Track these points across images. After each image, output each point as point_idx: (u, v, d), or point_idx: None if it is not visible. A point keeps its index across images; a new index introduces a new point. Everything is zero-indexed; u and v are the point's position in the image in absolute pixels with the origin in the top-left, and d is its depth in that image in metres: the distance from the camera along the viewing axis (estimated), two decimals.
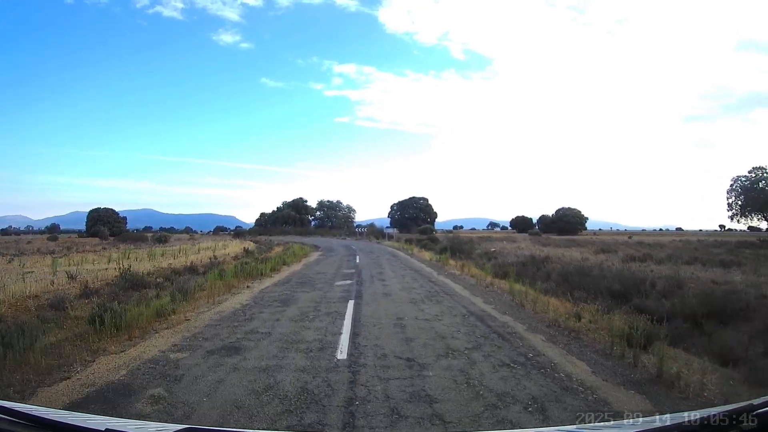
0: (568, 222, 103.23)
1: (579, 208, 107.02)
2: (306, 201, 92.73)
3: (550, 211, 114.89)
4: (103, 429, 1.28)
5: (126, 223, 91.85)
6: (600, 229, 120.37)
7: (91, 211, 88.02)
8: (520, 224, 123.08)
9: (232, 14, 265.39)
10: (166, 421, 3.25)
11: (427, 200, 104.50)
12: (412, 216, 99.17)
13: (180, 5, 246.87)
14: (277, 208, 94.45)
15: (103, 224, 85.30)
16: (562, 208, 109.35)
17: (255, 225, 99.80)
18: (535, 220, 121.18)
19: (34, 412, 1.31)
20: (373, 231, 55.72)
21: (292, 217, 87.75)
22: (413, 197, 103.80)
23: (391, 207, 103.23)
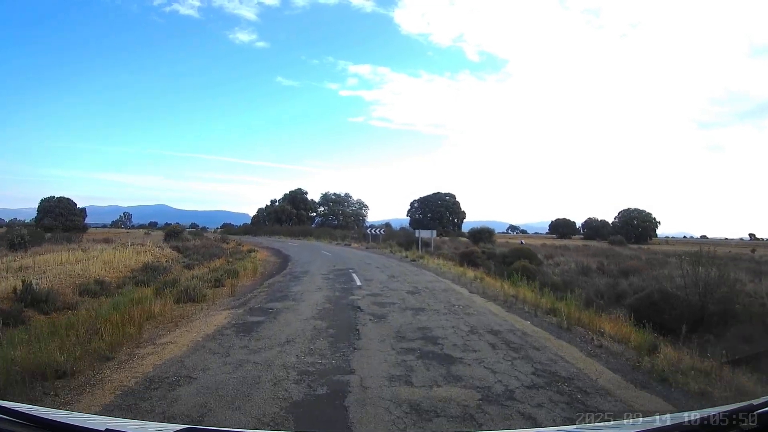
0: (638, 227, 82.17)
1: (649, 210, 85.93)
2: (306, 193, 73.76)
3: (571, 215, 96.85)
4: (103, 429, 1.27)
5: (85, 215, 74.78)
6: (669, 237, 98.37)
7: (43, 201, 70.98)
8: (562, 228, 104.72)
9: (248, 13, 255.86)
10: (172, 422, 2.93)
11: (454, 197, 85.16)
12: (437, 215, 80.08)
13: (197, 3, 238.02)
14: (271, 201, 75.95)
15: (54, 217, 68.40)
16: (628, 209, 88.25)
17: (251, 222, 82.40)
18: (579, 224, 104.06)
19: (33, 412, 1.31)
20: (392, 234, 36.26)
21: (288, 213, 69.03)
22: (437, 193, 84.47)
23: (411, 205, 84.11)
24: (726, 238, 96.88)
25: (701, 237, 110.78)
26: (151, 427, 1.68)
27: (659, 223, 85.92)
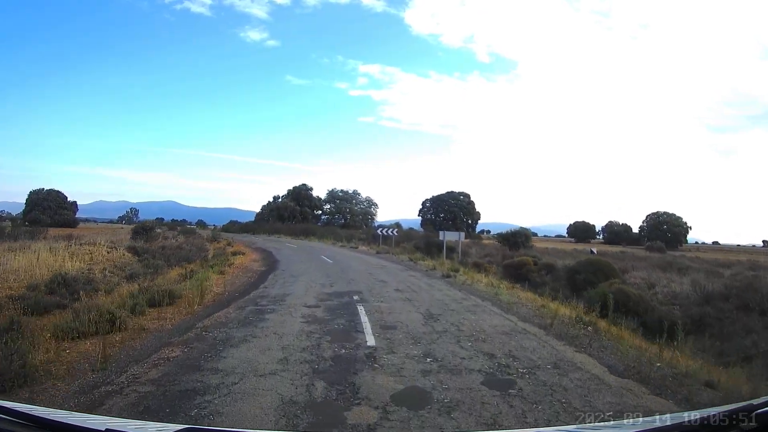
0: (667, 232, 75.42)
1: (680, 215, 79.19)
2: (311, 189, 68.39)
3: (578, 218, 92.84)
4: (104, 429, 1.25)
5: (76, 209, 70.37)
6: (700, 243, 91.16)
7: (31, 194, 66.59)
8: (580, 232, 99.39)
9: (259, 11, 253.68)
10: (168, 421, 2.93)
11: (468, 196, 79.34)
12: (450, 216, 74.48)
13: (208, 1, 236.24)
14: (274, 197, 70.74)
15: (42, 210, 63.99)
16: (657, 213, 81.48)
17: (255, 219, 77.46)
18: (599, 227, 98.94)
19: (34, 412, 1.29)
20: (407, 235, 30.96)
21: (291, 210, 63.80)
22: (451, 192, 78.77)
23: (423, 204, 78.47)
24: (738, 245, 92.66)
25: (713, 243, 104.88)
26: (152, 427, 1.65)
27: (690, 228, 79.20)
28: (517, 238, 25.12)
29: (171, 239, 27.49)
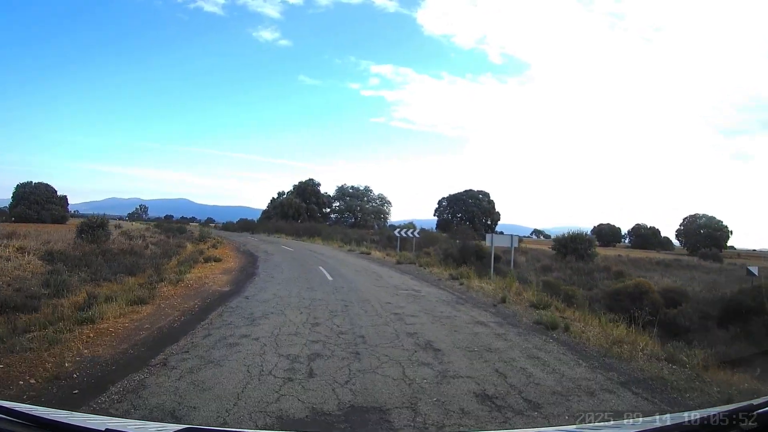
0: (706, 236, 68.24)
1: (720, 218, 72.00)
2: (318, 185, 62.73)
3: (594, 221, 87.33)
4: (103, 429, 1.23)
5: (66, 203, 65.67)
6: (734, 249, 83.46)
7: (18, 187, 61.86)
8: (606, 235, 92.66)
9: (272, 11, 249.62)
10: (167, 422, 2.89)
11: (488, 195, 73.09)
12: (468, 216, 68.41)
13: (221, 1, 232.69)
14: (278, 194, 65.31)
15: (29, 204, 59.43)
16: (695, 215, 74.29)
17: (261, 216, 72.31)
18: (625, 230, 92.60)
19: (33, 412, 1.27)
20: (430, 238, 25.29)
21: (296, 207, 58.22)
22: (470, 190, 72.64)
23: (439, 203, 72.52)
24: (755, 249, 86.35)
25: (730, 247, 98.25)
26: (152, 427, 1.63)
27: (731, 232, 71.81)
28: (576, 245, 19.10)
29: (138, 239, 22.08)
